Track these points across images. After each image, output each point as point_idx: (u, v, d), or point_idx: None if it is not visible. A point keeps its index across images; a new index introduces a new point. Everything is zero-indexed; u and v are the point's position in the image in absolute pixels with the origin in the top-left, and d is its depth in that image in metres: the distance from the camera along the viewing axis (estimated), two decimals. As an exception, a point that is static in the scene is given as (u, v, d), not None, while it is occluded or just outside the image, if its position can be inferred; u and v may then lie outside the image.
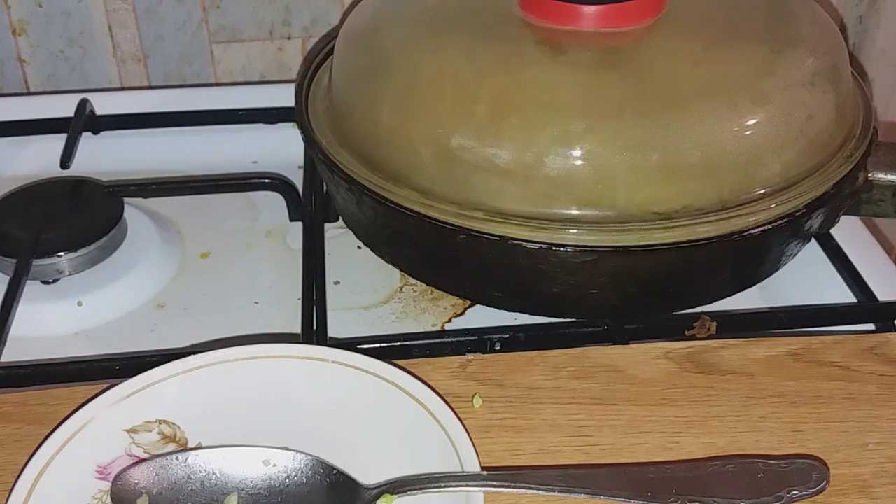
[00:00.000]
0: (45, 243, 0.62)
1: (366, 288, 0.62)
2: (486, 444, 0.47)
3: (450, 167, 0.54)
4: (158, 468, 0.45)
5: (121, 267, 0.63)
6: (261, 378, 0.49)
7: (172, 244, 0.66)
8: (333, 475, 0.45)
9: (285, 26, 0.80)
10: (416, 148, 0.56)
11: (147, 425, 0.48)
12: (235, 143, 0.75)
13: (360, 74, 0.61)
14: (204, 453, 0.46)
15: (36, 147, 0.74)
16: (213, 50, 0.81)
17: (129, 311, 0.61)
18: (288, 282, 0.62)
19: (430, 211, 0.54)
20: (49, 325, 0.59)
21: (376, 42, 0.61)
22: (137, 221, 0.66)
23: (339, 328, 0.57)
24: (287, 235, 0.67)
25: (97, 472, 0.46)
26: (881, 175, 0.60)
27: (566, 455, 0.47)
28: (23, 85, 0.81)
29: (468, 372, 0.52)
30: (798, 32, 0.60)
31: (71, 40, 0.79)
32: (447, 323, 0.59)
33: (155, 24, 0.79)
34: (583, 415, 0.49)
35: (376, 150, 0.58)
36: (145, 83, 0.82)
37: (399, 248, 0.60)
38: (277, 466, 0.45)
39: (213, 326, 0.59)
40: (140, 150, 0.74)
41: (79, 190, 0.67)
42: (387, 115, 0.58)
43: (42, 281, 0.61)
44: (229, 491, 0.45)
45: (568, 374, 0.51)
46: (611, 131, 0.52)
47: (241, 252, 0.66)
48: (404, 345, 0.55)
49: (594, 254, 0.52)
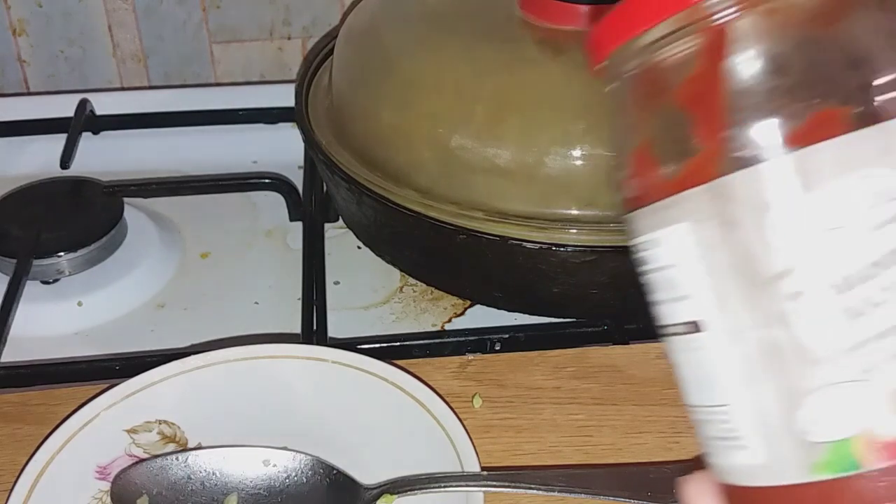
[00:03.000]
0: (45, 243, 0.62)
1: (366, 288, 0.62)
2: (486, 445, 0.47)
3: (450, 167, 0.54)
4: (158, 468, 0.45)
5: (121, 267, 0.63)
6: (261, 378, 0.49)
7: (172, 244, 0.66)
8: (333, 475, 0.45)
9: (285, 26, 0.80)
10: (416, 148, 0.56)
11: (147, 425, 0.48)
12: (235, 143, 0.75)
13: (361, 74, 0.61)
14: (204, 453, 0.46)
15: (36, 147, 0.74)
16: (213, 50, 0.81)
17: (129, 311, 0.61)
18: (288, 282, 0.62)
19: (430, 211, 0.54)
20: (49, 325, 0.59)
21: (376, 42, 0.61)
22: (137, 221, 0.66)
23: (338, 328, 0.57)
24: (287, 235, 0.67)
25: (97, 473, 0.46)
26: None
27: (566, 455, 0.47)
28: (23, 85, 0.81)
29: (468, 372, 0.52)
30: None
31: (71, 40, 0.79)
32: (447, 323, 0.59)
33: (155, 24, 0.79)
34: (583, 415, 0.49)
35: (376, 150, 0.58)
36: (145, 83, 0.82)
37: (399, 248, 0.60)
38: (277, 466, 0.45)
39: (213, 326, 0.59)
40: (140, 150, 0.74)
41: (79, 190, 0.67)
42: (387, 114, 0.58)
43: (42, 281, 0.61)
44: (229, 491, 0.45)
45: (568, 374, 0.51)
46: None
47: (241, 252, 0.66)
48: (404, 345, 0.55)
49: (594, 254, 0.52)
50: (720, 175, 0.24)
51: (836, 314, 0.23)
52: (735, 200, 0.23)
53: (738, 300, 0.24)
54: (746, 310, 0.24)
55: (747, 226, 0.23)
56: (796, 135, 0.23)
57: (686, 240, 0.25)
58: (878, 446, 0.23)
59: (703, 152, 0.24)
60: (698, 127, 0.24)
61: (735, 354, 0.24)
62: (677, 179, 0.25)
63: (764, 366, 0.24)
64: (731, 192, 0.24)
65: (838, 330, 0.23)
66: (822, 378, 0.23)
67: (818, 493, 0.24)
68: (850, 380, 0.23)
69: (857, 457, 0.23)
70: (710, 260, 0.24)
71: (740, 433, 0.25)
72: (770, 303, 0.24)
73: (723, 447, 0.26)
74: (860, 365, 0.23)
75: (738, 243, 0.24)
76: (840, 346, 0.23)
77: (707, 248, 0.24)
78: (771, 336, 0.24)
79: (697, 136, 0.24)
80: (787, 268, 0.23)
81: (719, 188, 0.24)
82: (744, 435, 0.25)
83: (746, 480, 0.25)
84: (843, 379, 0.23)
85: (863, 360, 0.23)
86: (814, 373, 0.23)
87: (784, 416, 0.24)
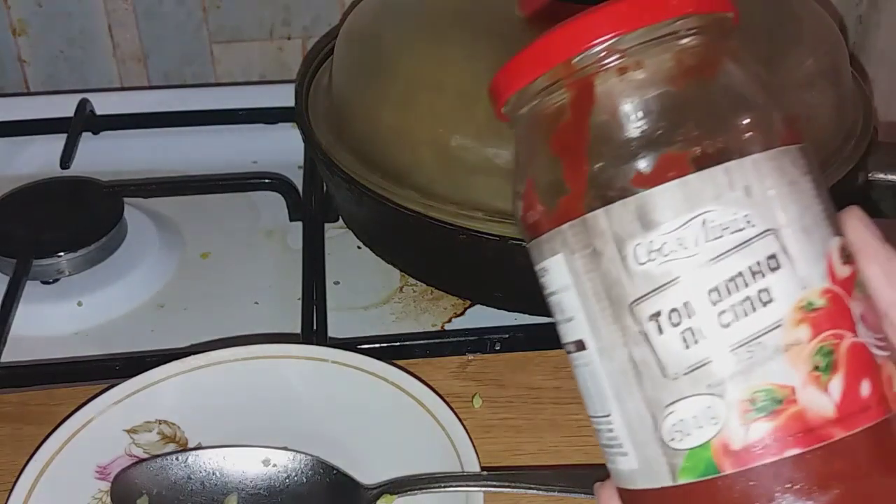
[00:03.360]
0: (45, 243, 0.62)
1: (366, 288, 0.62)
2: (487, 445, 0.47)
3: (450, 167, 0.54)
4: (158, 468, 0.45)
5: (121, 267, 0.63)
6: (261, 378, 0.49)
7: (172, 244, 0.66)
8: (333, 475, 0.45)
9: (285, 26, 0.80)
10: (416, 148, 0.56)
11: (147, 425, 0.48)
12: (235, 143, 0.75)
13: (361, 74, 0.61)
14: (204, 453, 0.46)
15: (36, 147, 0.74)
16: (213, 50, 0.81)
17: (129, 311, 0.61)
18: (288, 282, 0.62)
19: (430, 211, 0.54)
20: (49, 325, 0.59)
21: (376, 42, 0.61)
22: (137, 221, 0.66)
23: (338, 328, 0.57)
24: (287, 235, 0.67)
25: (97, 472, 0.46)
26: (881, 175, 0.60)
27: (566, 455, 0.47)
28: (23, 85, 0.81)
29: (468, 372, 0.52)
30: (798, 32, 0.60)
31: (71, 40, 0.79)
32: (447, 323, 0.59)
33: (155, 23, 0.79)
34: (583, 415, 0.48)
35: (376, 150, 0.58)
36: (145, 83, 0.82)
37: (399, 248, 0.60)
38: (277, 466, 0.45)
39: (213, 326, 0.58)
40: (140, 150, 0.74)
41: (79, 190, 0.67)
42: (387, 114, 0.58)
43: (42, 281, 0.61)
44: (229, 491, 0.45)
45: (568, 373, 0.51)
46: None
47: (241, 252, 0.65)
48: (404, 345, 0.55)
49: (594, 254, 0.52)
50: (584, 213, 0.27)
51: (682, 335, 0.26)
52: (597, 235, 0.27)
53: (607, 322, 0.27)
54: (614, 331, 0.27)
55: (608, 257, 0.27)
56: (644, 177, 0.26)
57: (563, 269, 0.28)
58: (731, 453, 0.26)
59: (571, 192, 0.28)
60: (566, 170, 0.28)
61: (610, 370, 0.28)
62: (554, 215, 0.28)
63: (631, 380, 0.27)
64: (592, 227, 0.27)
65: (684, 349, 0.26)
66: (677, 392, 0.26)
67: (684, 496, 0.27)
68: (701, 393, 0.26)
69: (715, 462, 0.26)
70: (583, 286, 0.28)
71: (621, 441, 0.28)
72: (632, 324, 0.27)
73: (611, 454, 0.29)
74: (706, 380, 0.26)
75: (603, 272, 0.27)
76: (687, 364, 0.26)
77: (579, 276, 0.28)
78: (635, 354, 0.27)
79: (566, 179, 0.28)
80: (642, 294, 0.27)
81: (583, 224, 0.27)
82: (623, 442, 0.28)
83: (629, 484, 0.28)
84: (694, 392, 0.26)
85: (709, 377, 0.26)
86: (670, 387, 0.26)
87: (650, 425, 0.27)
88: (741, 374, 0.26)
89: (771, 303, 0.26)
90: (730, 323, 0.26)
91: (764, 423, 0.26)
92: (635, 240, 0.27)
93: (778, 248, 0.26)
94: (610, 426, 0.28)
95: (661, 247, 0.26)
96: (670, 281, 0.26)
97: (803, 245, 0.26)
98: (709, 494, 0.26)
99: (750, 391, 0.26)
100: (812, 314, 0.26)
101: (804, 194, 0.27)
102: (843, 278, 0.27)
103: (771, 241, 0.26)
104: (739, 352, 0.26)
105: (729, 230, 0.26)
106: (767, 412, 0.26)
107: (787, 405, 0.26)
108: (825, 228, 0.27)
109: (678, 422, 0.26)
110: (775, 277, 0.26)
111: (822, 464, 0.26)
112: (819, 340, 0.26)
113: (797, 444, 0.25)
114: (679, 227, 0.26)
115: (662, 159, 0.26)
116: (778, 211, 0.26)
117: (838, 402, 0.26)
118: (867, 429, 0.26)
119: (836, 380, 0.26)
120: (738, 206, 0.26)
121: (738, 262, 0.26)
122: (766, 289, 0.26)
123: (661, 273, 0.26)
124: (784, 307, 0.26)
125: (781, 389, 0.26)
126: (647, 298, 0.27)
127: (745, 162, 0.26)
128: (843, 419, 0.26)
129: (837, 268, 0.27)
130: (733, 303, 0.26)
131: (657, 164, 0.26)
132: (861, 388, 0.26)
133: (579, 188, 0.27)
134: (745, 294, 0.26)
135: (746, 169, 0.26)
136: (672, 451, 0.27)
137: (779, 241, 0.26)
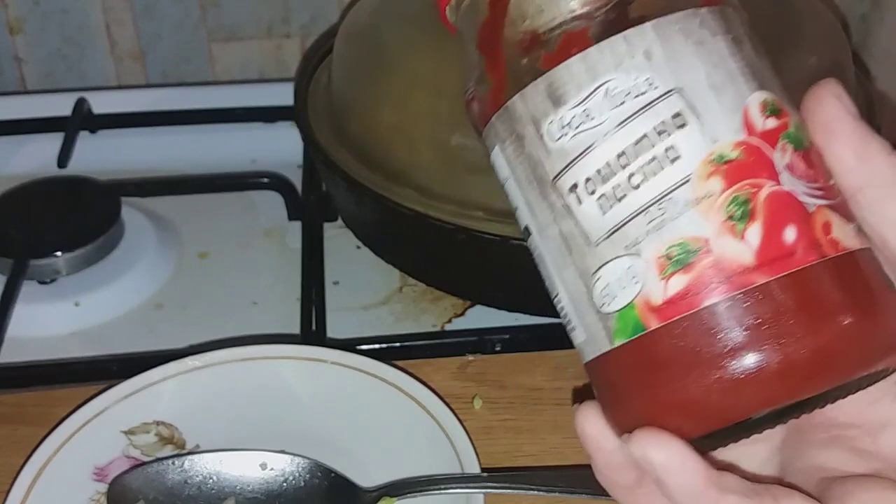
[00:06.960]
0: (41, 243, 0.61)
1: (365, 288, 0.61)
2: (487, 446, 0.47)
3: (450, 167, 0.54)
4: (155, 472, 0.45)
5: (118, 267, 0.62)
6: (259, 379, 0.49)
7: (170, 244, 0.65)
8: (332, 478, 0.45)
9: (284, 24, 0.80)
10: (416, 147, 0.56)
11: (145, 427, 0.48)
12: (234, 142, 0.74)
13: (360, 73, 0.60)
14: (200, 457, 0.45)
15: (33, 146, 0.74)
16: (211, 48, 0.81)
17: (127, 312, 0.60)
18: (287, 282, 0.62)
19: (430, 211, 0.54)
20: (46, 326, 0.59)
21: (376, 41, 0.61)
22: (135, 221, 0.66)
23: (338, 328, 0.57)
24: (286, 235, 0.66)
25: (94, 474, 0.46)
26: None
27: (567, 456, 0.47)
28: (20, 83, 0.81)
29: (468, 373, 0.51)
30: (800, 31, 0.59)
31: (68, 38, 0.79)
32: (447, 323, 0.59)
33: (153, 22, 0.79)
34: (584, 416, 0.49)
35: (376, 150, 0.58)
36: (143, 82, 0.82)
37: (399, 248, 0.60)
38: (275, 470, 0.45)
39: (212, 327, 0.58)
40: (138, 148, 0.74)
41: (76, 189, 0.67)
42: (386, 113, 0.57)
43: (39, 281, 0.61)
44: (226, 495, 0.45)
45: (569, 374, 0.51)
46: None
47: (239, 252, 0.65)
48: (404, 345, 0.55)
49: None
50: (504, 102, 0.29)
51: (598, 202, 0.27)
52: (517, 120, 0.29)
53: (538, 203, 0.29)
54: (544, 209, 0.29)
55: (529, 139, 0.28)
56: (550, 57, 0.28)
57: (501, 160, 0.30)
58: (654, 308, 0.27)
59: (494, 85, 0.29)
60: (488, 64, 0.30)
61: (548, 248, 0.29)
62: (486, 110, 0.30)
63: (565, 254, 0.28)
64: (513, 114, 0.29)
65: (601, 215, 0.27)
66: (601, 257, 0.27)
67: (620, 357, 0.28)
68: (620, 255, 0.27)
69: (641, 320, 0.27)
70: (517, 173, 0.29)
71: (570, 316, 0.29)
72: (556, 200, 0.28)
73: (569, 332, 0.30)
74: (624, 242, 0.27)
75: (527, 155, 0.29)
76: (605, 228, 0.27)
77: (512, 163, 0.29)
78: (563, 228, 0.28)
79: (488, 72, 0.30)
80: (560, 169, 0.28)
81: (506, 112, 0.29)
82: (571, 318, 0.29)
83: (583, 357, 0.29)
84: (615, 255, 0.27)
85: (626, 238, 0.27)
86: (594, 253, 0.28)
87: (585, 294, 0.28)
88: (655, 232, 0.27)
89: (678, 159, 0.27)
90: (639, 184, 0.27)
91: (681, 276, 0.26)
92: (548, 118, 0.28)
93: (683, 107, 0.27)
94: (561, 304, 0.29)
95: (570, 121, 0.27)
96: (582, 152, 0.27)
97: (712, 102, 0.27)
98: (640, 353, 0.27)
99: (664, 246, 0.26)
100: (724, 166, 0.26)
101: (714, 53, 0.27)
102: (763, 130, 0.27)
103: (675, 101, 0.27)
104: (651, 210, 0.27)
105: (631, 95, 0.27)
106: (683, 265, 0.26)
107: (702, 256, 0.26)
108: (742, 85, 0.27)
109: (605, 286, 0.27)
110: (682, 134, 0.27)
111: (743, 311, 0.26)
112: (733, 191, 0.26)
113: (716, 293, 0.26)
114: (584, 100, 0.27)
115: (565, 37, 0.28)
116: (682, 72, 0.27)
117: (757, 248, 0.26)
118: (792, 273, 0.26)
119: (754, 227, 0.26)
120: (639, 71, 0.27)
121: (642, 124, 0.27)
122: (672, 146, 0.27)
123: (573, 146, 0.27)
124: (692, 162, 0.26)
125: (695, 241, 0.26)
126: (565, 172, 0.28)
127: (644, 28, 0.27)
128: (764, 265, 0.26)
129: (756, 120, 0.27)
130: (641, 164, 0.27)
131: (560, 42, 0.28)
132: (784, 235, 0.26)
133: (499, 80, 0.29)
134: (652, 154, 0.27)
135: (646, 34, 0.27)
136: (604, 316, 0.28)
137: (684, 99, 0.27)
